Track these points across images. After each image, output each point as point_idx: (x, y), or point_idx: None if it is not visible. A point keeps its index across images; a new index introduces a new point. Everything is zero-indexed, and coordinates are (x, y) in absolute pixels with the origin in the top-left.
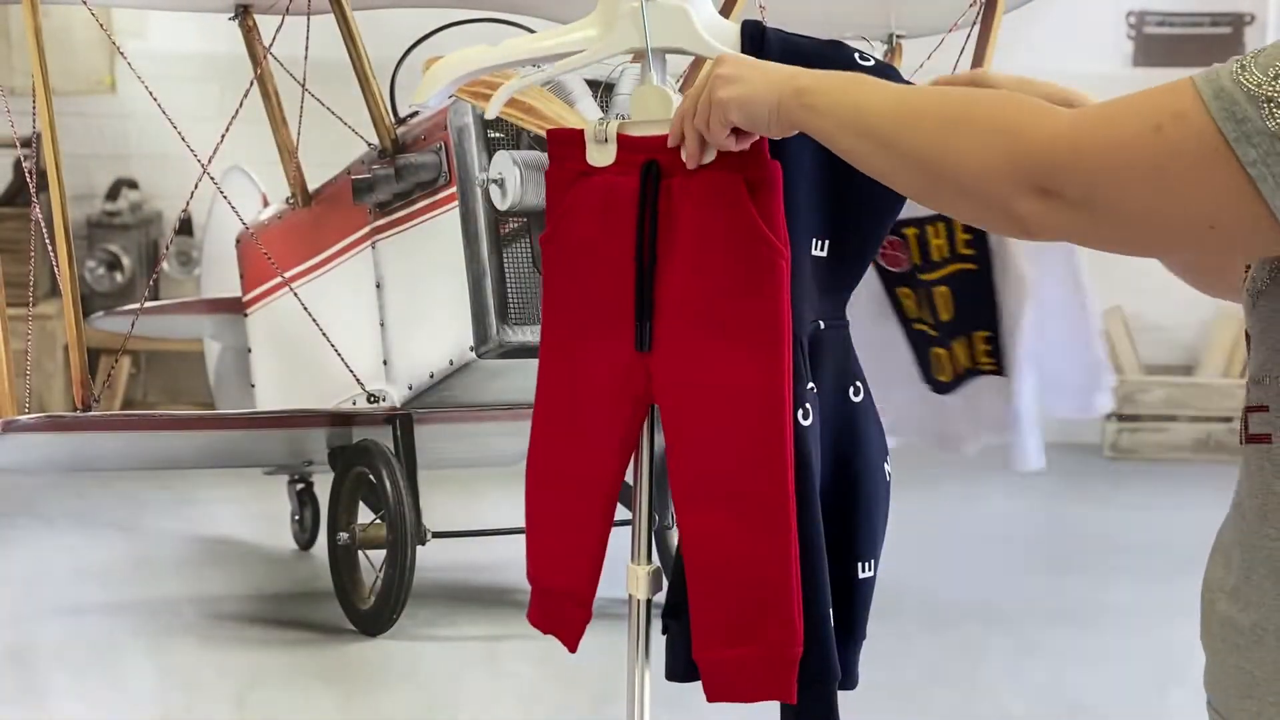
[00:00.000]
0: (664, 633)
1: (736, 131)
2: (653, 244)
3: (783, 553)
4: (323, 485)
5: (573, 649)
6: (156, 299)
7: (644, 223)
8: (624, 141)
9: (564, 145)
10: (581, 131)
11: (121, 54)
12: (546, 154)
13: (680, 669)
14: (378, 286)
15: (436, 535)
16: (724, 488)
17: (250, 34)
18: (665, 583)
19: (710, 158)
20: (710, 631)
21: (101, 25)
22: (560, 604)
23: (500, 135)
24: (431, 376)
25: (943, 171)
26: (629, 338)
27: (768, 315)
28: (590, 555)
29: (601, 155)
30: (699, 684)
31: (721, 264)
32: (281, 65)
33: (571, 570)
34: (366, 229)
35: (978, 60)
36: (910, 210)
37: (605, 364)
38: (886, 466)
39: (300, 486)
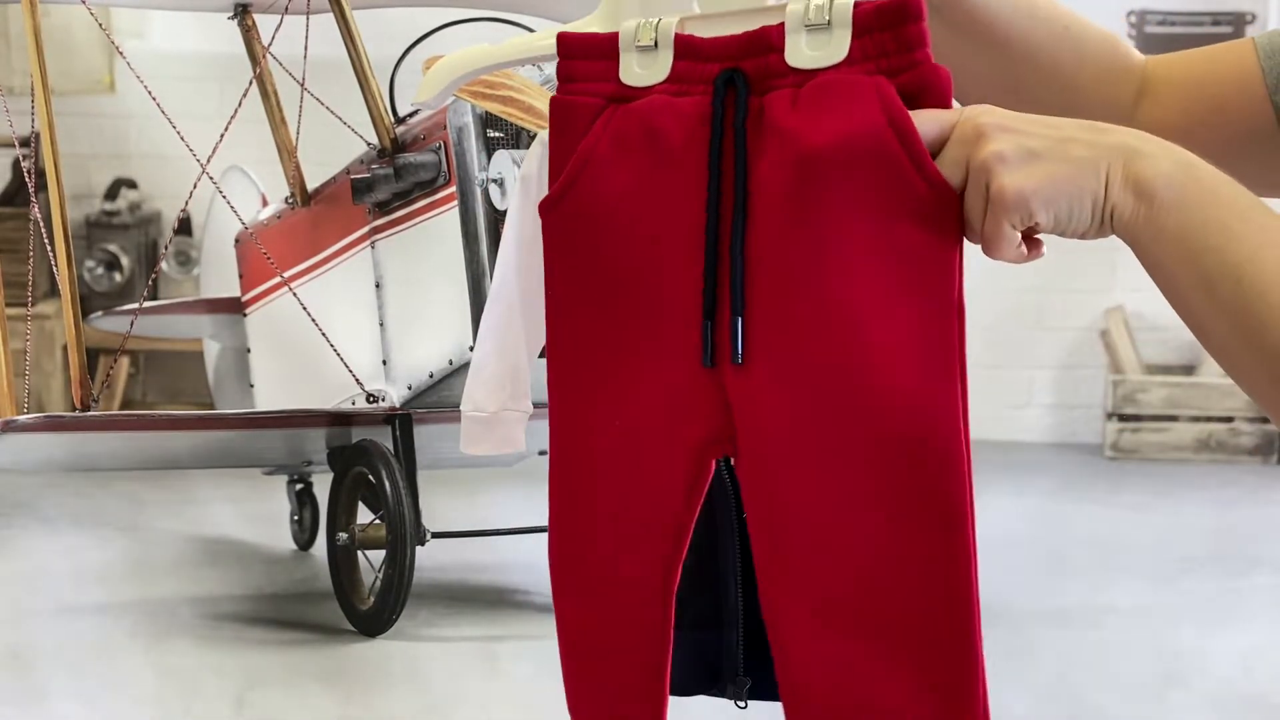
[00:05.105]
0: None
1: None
2: (741, 202)
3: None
4: (322, 485)
5: None
6: (155, 299)
7: (721, 166)
8: (685, 46)
9: (582, 58)
10: (612, 36)
11: (121, 54)
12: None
13: (682, 680)
14: (377, 286)
15: (436, 535)
16: (870, 605)
17: (249, 33)
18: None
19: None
20: None
21: (101, 25)
22: None
23: (500, 135)
24: (431, 376)
25: None
26: (694, 347)
27: (934, 310)
28: (647, 682)
29: (647, 68)
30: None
31: (860, 227)
32: (281, 65)
33: (625, 709)
34: (366, 229)
35: None
36: None
37: (654, 391)
38: None
39: (299, 487)
